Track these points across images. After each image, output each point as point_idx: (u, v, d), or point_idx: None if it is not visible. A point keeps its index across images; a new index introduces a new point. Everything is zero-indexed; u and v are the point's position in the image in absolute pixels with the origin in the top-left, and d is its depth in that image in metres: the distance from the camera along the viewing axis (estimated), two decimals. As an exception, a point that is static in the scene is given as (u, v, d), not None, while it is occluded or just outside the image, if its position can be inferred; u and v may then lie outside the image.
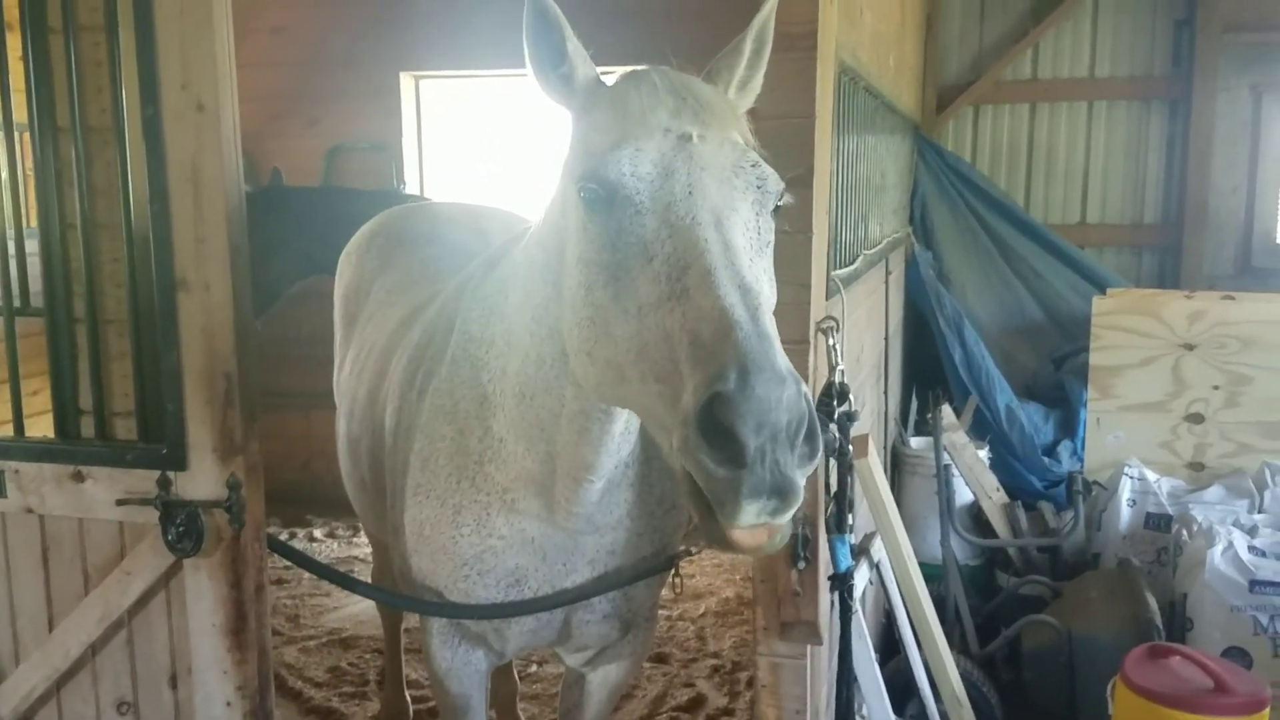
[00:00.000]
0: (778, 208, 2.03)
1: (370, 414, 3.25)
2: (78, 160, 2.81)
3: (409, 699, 4.69)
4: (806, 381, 2.61)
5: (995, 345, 6.47)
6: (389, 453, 2.94)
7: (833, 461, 2.67)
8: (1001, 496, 5.35)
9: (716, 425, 1.64)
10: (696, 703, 4.87)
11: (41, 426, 3.09)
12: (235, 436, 2.71)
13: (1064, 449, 5.93)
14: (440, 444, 2.64)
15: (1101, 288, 6.30)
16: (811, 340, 2.58)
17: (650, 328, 1.84)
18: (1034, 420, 5.96)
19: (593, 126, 2.07)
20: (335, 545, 6.99)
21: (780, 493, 1.66)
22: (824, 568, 2.73)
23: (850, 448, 2.70)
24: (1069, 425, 6.04)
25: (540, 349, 2.32)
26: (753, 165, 1.98)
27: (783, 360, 1.70)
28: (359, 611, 5.88)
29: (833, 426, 2.62)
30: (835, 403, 2.58)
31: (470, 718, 2.99)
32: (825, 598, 2.79)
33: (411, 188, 7.50)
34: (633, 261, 1.90)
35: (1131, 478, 5.18)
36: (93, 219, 2.83)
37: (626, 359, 1.91)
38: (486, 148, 7.92)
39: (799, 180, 2.46)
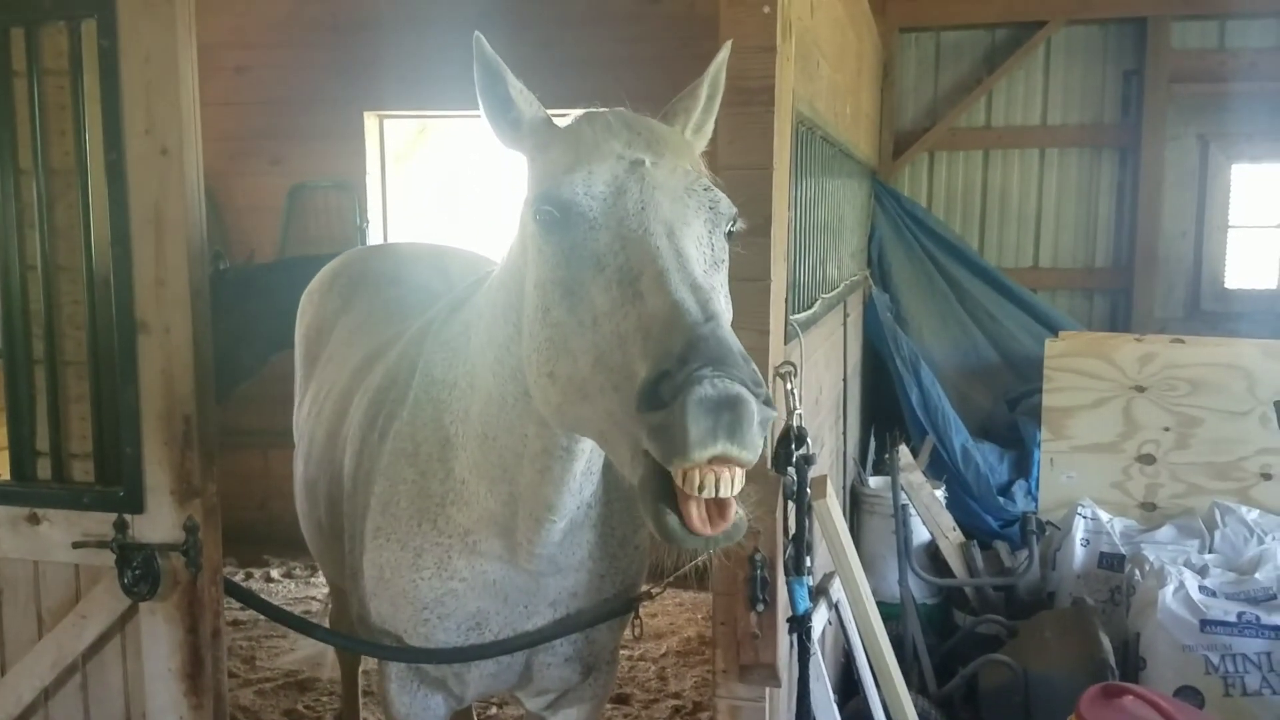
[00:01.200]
0: (731, 233, 2.07)
1: (329, 455, 3.24)
2: (39, 202, 2.81)
3: (366, 743, 4.64)
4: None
5: (951, 386, 6.57)
6: (348, 496, 2.93)
7: (791, 504, 2.70)
8: (958, 536, 5.41)
9: (662, 400, 1.64)
10: (656, 745, 4.87)
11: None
12: (193, 479, 2.71)
13: (1019, 489, 6.01)
14: (401, 486, 2.65)
15: (1054, 330, 6.43)
16: (769, 385, 2.62)
17: (606, 335, 1.87)
18: (989, 460, 6.04)
19: (547, 161, 2.12)
20: (292, 585, 6.91)
21: (731, 405, 1.60)
22: (782, 610, 2.75)
23: (809, 490, 2.73)
24: (1023, 465, 6.12)
25: (503, 389, 2.34)
26: (705, 189, 2.02)
27: (735, 343, 1.70)
28: (316, 654, 5.80)
29: (790, 470, 2.65)
30: (793, 446, 2.62)
31: (428, 763, 2.97)
32: (784, 640, 2.81)
33: (375, 227, 7.51)
34: (587, 274, 1.93)
35: (1085, 518, 5.26)
36: (53, 261, 2.83)
37: (585, 372, 1.92)
38: (450, 187, 7.95)
39: (757, 229, 2.51)
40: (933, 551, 5.45)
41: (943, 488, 5.64)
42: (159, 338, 2.67)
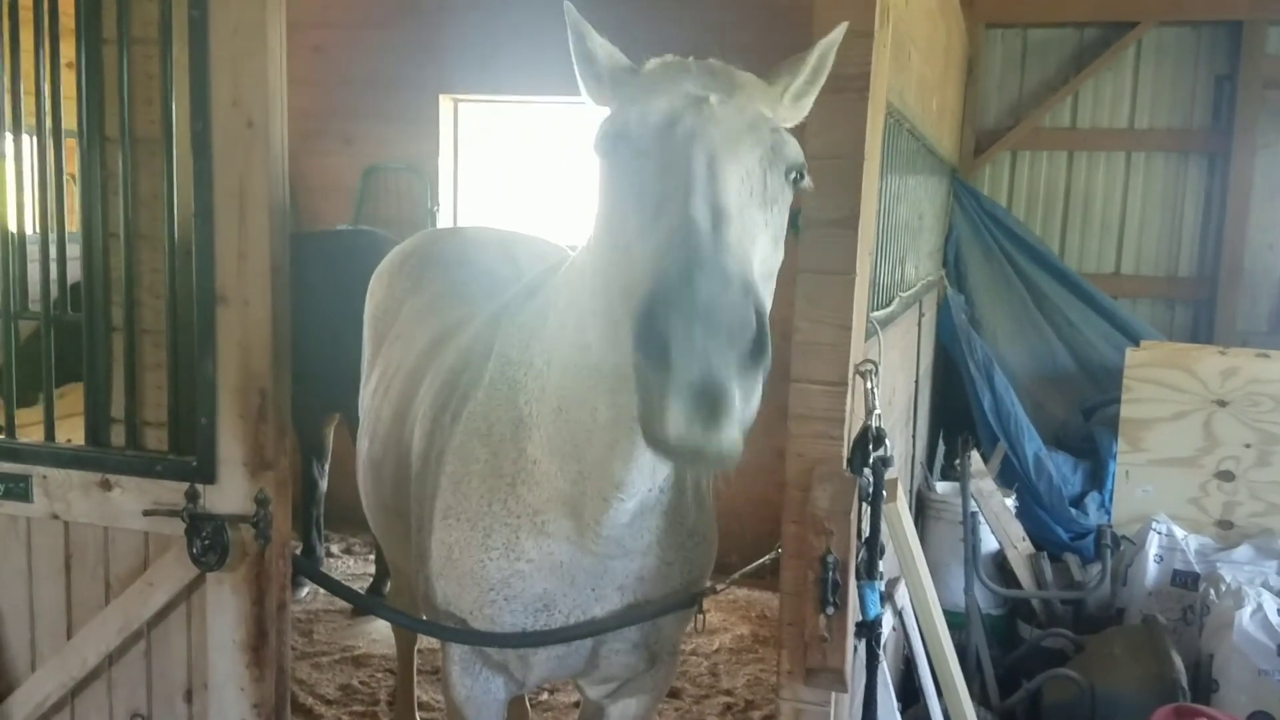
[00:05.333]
0: (798, 180, 1.99)
1: (396, 435, 3.23)
2: (124, 170, 2.83)
3: (420, 721, 4.66)
4: (842, 425, 2.60)
5: (1025, 393, 6.41)
6: (417, 476, 2.92)
7: (865, 506, 2.63)
8: (1027, 546, 5.29)
9: (653, 325, 1.61)
10: (709, 739, 4.84)
11: (66, 429, 3.09)
12: (266, 452, 2.71)
13: (1091, 501, 5.85)
14: (473, 466, 2.63)
15: (1134, 339, 6.24)
16: (850, 383, 2.56)
17: (633, 259, 1.84)
18: (1062, 470, 5.89)
19: (619, 99, 2.10)
20: (351, 562, 6.98)
21: (709, 397, 1.60)
22: (851, 614, 2.69)
23: (883, 492, 2.66)
24: (1097, 477, 5.96)
25: (578, 360, 2.33)
26: (772, 130, 1.95)
27: (735, 265, 1.66)
28: (372, 629, 5.86)
29: (867, 471, 2.58)
30: (871, 447, 2.55)
31: (485, 747, 2.96)
32: (850, 644, 2.74)
33: (445, 210, 7.54)
34: (628, 201, 1.91)
35: (1159, 533, 5.11)
36: (135, 229, 2.85)
37: (614, 301, 1.91)
38: (523, 173, 7.95)
39: (844, 221, 2.45)
40: (1000, 561, 5.33)
41: (1013, 496, 5.52)
42: (238, 311, 2.67)
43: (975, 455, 5.23)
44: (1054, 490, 5.72)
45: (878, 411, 2.55)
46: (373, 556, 6.66)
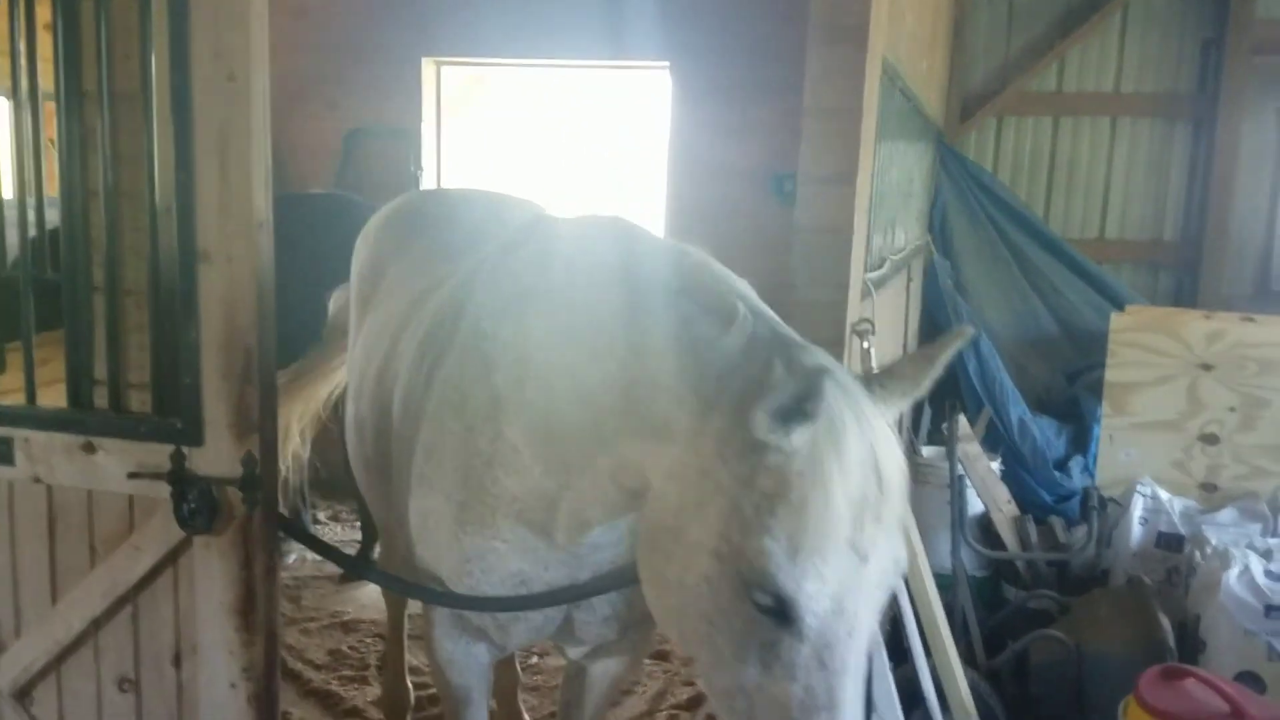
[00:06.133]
0: None
1: (378, 394, 3.20)
2: (103, 127, 2.75)
3: (410, 685, 4.64)
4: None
5: (1009, 357, 6.43)
6: (395, 437, 2.89)
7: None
8: (1012, 509, 5.31)
9: None
10: (696, 701, 4.83)
11: (49, 397, 3.04)
12: (252, 413, 2.66)
13: (1075, 464, 5.89)
14: (447, 437, 2.57)
15: (1119, 304, 6.26)
16: (846, 342, 2.54)
17: (749, 707, 1.89)
18: (1046, 434, 5.92)
19: (778, 488, 1.83)
20: (339, 529, 6.95)
21: None
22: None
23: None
24: (1081, 441, 5.99)
25: (580, 416, 2.24)
26: (894, 563, 1.95)
27: None
28: (361, 595, 5.84)
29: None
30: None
31: (471, 708, 2.95)
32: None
33: (429, 175, 7.47)
34: (774, 665, 1.86)
35: (1144, 495, 5.14)
36: (116, 187, 2.78)
37: (715, 673, 1.95)
38: (505, 137, 7.88)
39: (841, 177, 2.41)
40: (985, 524, 5.35)
41: (998, 460, 5.53)
42: (221, 268, 2.61)
43: (961, 420, 5.23)
44: (1038, 454, 5.75)
45: (875, 370, 2.54)
46: (359, 523, 6.63)
